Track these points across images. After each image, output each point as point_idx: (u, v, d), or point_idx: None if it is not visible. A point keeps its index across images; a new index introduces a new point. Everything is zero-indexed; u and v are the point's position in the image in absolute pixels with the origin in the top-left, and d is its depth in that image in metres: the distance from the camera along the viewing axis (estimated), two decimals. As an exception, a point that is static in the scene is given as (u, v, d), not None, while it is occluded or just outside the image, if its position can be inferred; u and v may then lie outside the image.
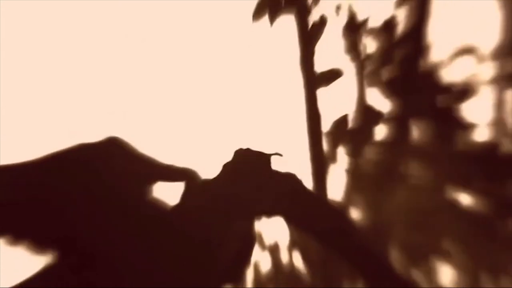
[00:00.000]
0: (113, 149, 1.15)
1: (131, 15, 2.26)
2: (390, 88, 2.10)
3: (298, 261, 2.09)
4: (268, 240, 2.09)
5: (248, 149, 1.30)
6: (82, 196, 1.10)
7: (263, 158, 1.32)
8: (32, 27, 2.21)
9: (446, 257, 2.10)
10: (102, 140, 1.14)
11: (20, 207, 1.07)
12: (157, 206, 1.16)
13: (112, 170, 1.14)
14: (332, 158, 2.09)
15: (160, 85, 2.28)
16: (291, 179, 1.44)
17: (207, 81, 2.28)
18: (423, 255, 2.11)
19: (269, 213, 1.36)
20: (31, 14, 2.21)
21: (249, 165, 1.28)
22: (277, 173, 1.34)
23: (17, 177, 1.08)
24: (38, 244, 1.10)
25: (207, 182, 1.22)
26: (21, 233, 1.09)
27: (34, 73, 2.17)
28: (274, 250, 2.08)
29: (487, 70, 2.12)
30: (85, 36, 2.22)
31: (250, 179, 1.26)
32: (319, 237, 1.37)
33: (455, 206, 2.08)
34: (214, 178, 1.20)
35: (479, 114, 2.11)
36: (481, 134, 2.09)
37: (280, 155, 1.36)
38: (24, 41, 2.20)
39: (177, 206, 1.18)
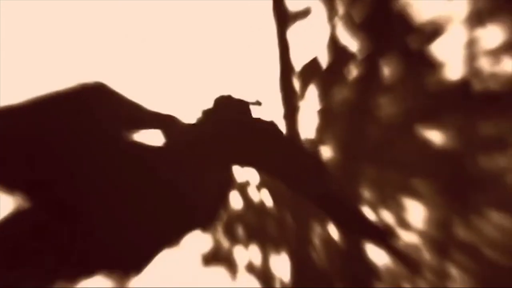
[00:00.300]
0: (99, 94, 1.16)
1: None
2: (361, 28, 2.10)
3: (267, 199, 2.08)
4: (238, 178, 2.08)
5: (228, 97, 1.31)
6: (66, 137, 1.10)
7: (243, 106, 1.33)
8: (32, 27, 2.22)
9: (417, 195, 2.10)
10: (88, 85, 1.15)
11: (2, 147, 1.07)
12: (139, 150, 1.17)
13: (98, 114, 1.14)
14: (303, 97, 2.09)
15: (140, 31, 2.28)
16: (270, 128, 1.45)
17: (182, 24, 2.28)
18: (393, 193, 2.10)
19: (246, 163, 1.37)
20: (31, 14, 2.22)
21: (229, 112, 1.29)
22: (257, 120, 1.34)
23: (4, 117, 1.08)
24: (12, 184, 1.10)
25: (188, 128, 1.22)
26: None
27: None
28: (243, 188, 2.08)
29: (458, 8, 2.11)
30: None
31: (230, 127, 1.26)
32: (293, 186, 1.37)
33: (425, 143, 2.07)
34: (195, 125, 1.20)
35: (450, 53, 2.10)
36: (452, 72, 2.09)
37: (260, 104, 1.37)
38: (24, 39, 2.22)
39: (158, 150, 1.18)
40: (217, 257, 2.07)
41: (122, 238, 1.20)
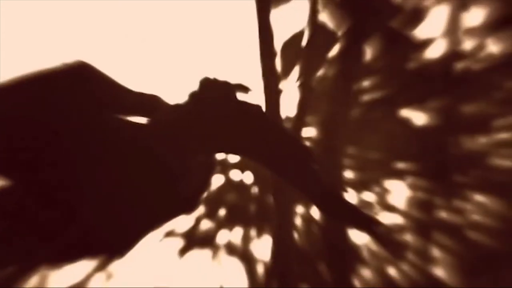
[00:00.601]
0: (83, 73, 1.14)
1: None
2: (342, 7, 2.09)
3: (249, 179, 2.08)
4: (221, 159, 2.08)
5: (214, 79, 1.30)
6: (49, 117, 1.09)
7: (228, 89, 1.31)
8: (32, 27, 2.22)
9: (399, 176, 2.10)
10: (72, 64, 1.13)
11: None
12: (123, 131, 1.15)
13: (80, 93, 1.13)
14: (286, 76, 2.08)
15: (127, 13, 2.28)
16: (255, 112, 1.44)
17: (164, 5, 2.27)
18: (375, 175, 2.10)
19: (230, 148, 1.35)
20: (31, 14, 2.22)
21: (214, 95, 1.27)
22: (242, 103, 1.33)
23: None
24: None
25: (173, 110, 1.21)
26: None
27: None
28: (225, 169, 2.07)
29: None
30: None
31: (215, 110, 1.25)
32: (277, 172, 1.36)
33: (407, 124, 2.07)
34: (180, 107, 1.19)
35: (432, 34, 2.10)
36: (434, 53, 2.09)
37: (247, 89, 1.36)
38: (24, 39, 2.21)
39: (141, 131, 1.17)
40: (199, 239, 2.07)
41: (106, 221, 1.18)
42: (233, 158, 2.08)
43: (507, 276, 1.91)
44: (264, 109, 1.97)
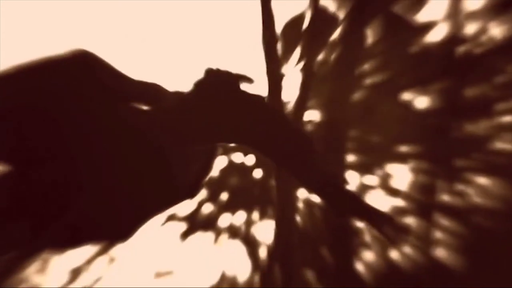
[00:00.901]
0: (88, 62, 1.14)
1: None
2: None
3: (251, 162, 2.08)
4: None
5: (217, 70, 1.29)
6: (53, 104, 1.08)
7: (231, 79, 1.31)
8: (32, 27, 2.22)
9: (401, 160, 2.10)
10: (75, 53, 1.13)
11: None
12: (126, 119, 1.15)
13: (87, 82, 1.12)
14: (287, 59, 2.08)
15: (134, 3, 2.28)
16: (257, 103, 1.43)
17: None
18: (378, 158, 2.10)
19: (231, 140, 1.36)
20: (31, 14, 2.22)
21: (216, 85, 1.27)
22: (244, 93, 1.33)
23: None
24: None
25: (176, 99, 1.21)
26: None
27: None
28: (227, 151, 2.07)
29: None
30: None
31: (216, 99, 1.25)
32: (278, 162, 1.36)
33: (409, 108, 2.07)
34: (183, 96, 1.19)
35: (434, 17, 2.10)
36: (436, 37, 2.09)
37: (250, 80, 1.35)
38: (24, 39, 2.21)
39: (145, 120, 1.17)
40: (201, 223, 2.07)
41: (108, 206, 1.18)
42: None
43: (508, 257, 1.91)
44: (266, 95, 1.97)
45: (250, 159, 2.09)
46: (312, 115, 2.10)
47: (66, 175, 1.12)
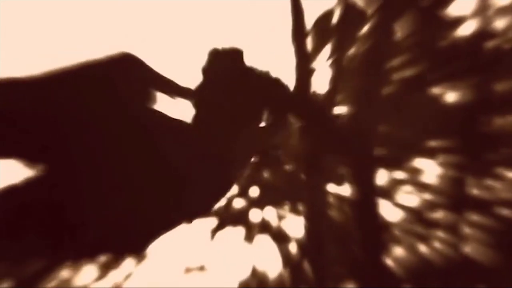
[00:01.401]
0: (127, 65, 1.14)
1: None
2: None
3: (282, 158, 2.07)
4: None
5: (222, 49, 1.29)
6: (92, 110, 1.08)
7: (236, 55, 1.31)
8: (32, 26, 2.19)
9: (430, 154, 2.10)
10: (116, 55, 1.12)
11: (24, 119, 1.04)
12: (155, 127, 1.15)
13: (126, 85, 1.12)
14: (317, 53, 2.07)
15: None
16: (276, 84, 1.43)
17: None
18: (406, 152, 2.10)
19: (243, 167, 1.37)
20: (32, 14, 2.20)
21: (224, 64, 1.27)
22: (252, 69, 1.32)
23: (26, 90, 1.05)
24: (31, 156, 1.07)
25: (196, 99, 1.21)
26: (17, 145, 1.06)
27: None
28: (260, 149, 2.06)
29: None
30: None
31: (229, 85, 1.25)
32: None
33: (438, 102, 2.07)
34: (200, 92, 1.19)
35: (463, 11, 2.10)
36: (465, 30, 2.09)
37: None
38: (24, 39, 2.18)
39: (166, 128, 1.17)
40: (231, 218, 2.06)
41: (126, 219, 1.17)
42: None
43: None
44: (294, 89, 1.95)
45: (281, 154, 2.08)
46: (341, 110, 2.10)
47: (91, 184, 1.11)
